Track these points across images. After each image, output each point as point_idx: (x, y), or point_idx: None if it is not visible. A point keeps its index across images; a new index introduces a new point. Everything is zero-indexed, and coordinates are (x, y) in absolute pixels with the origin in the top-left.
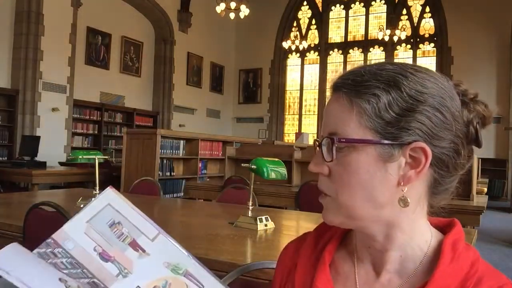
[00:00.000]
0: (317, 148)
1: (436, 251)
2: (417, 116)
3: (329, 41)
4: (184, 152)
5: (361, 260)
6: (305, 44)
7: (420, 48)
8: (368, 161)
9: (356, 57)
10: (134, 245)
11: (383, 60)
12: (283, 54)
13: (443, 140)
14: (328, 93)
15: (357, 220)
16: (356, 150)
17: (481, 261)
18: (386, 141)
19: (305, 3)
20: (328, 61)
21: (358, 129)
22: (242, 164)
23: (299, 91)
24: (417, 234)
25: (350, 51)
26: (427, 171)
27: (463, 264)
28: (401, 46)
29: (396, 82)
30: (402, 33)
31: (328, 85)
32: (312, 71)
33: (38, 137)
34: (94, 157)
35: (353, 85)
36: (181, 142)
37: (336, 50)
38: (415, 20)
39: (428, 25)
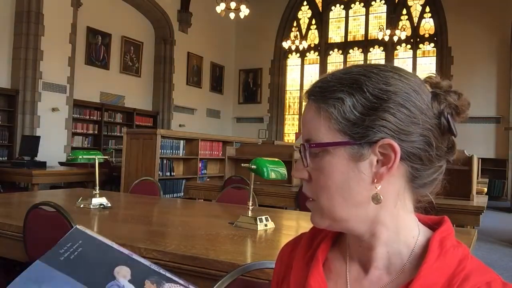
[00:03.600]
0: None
1: (424, 248)
2: (380, 114)
3: (329, 41)
4: (184, 152)
5: (353, 258)
6: (305, 44)
7: (420, 48)
8: (341, 163)
9: (356, 57)
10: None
11: (361, 63)
12: (283, 54)
13: (411, 134)
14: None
15: (341, 221)
16: (329, 154)
17: (470, 258)
18: (353, 141)
19: (305, 3)
20: (328, 61)
21: (328, 133)
22: (242, 164)
23: (299, 91)
24: (402, 230)
25: (350, 51)
26: (401, 166)
27: (450, 261)
28: (401, 46)
29: (359, 84)
30: (402, 33)
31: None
32: (312, 71)
33: (38, 137)
34: (94, 157)
35: (319, 92)
36: (181, 142)
37: (336, 50)
38: (415, 20)
39: (428, 25)
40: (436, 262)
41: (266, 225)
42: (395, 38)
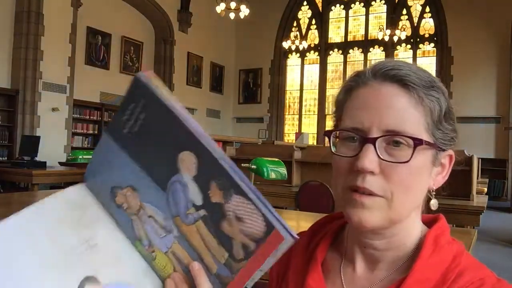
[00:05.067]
0: (358, 143)
1: (420, 245)
2: (455, 125)
3: (329, 41)
4: None
5: (351, 258)
6: (305, 44)
7: (420, 48)
8: (427, 164)
9: (356, 57)
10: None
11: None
12: (283, 54)
13: (454, 146)
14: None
15: (397, 222)
16: (420, 152)
17: (465, 255)
18: (442, 146)
19: (305, 3)
20: (328, 61)
21: (421, 130)
22: (242, 164)
23: (299, 91)
24: (414, 232)
25: (350, 51)
26: None
27: (445, 257)
28: (401, 46)
29: (443, 89)
30: (402, 33)
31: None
32: (312, 71)
33: (38, 137)
34: None
35: (420, 83)
36: None
37: (336, 50)
38: (415, 20)
39: (428, 25)
40: (430, 258)
41: None
42: (395, 38)
